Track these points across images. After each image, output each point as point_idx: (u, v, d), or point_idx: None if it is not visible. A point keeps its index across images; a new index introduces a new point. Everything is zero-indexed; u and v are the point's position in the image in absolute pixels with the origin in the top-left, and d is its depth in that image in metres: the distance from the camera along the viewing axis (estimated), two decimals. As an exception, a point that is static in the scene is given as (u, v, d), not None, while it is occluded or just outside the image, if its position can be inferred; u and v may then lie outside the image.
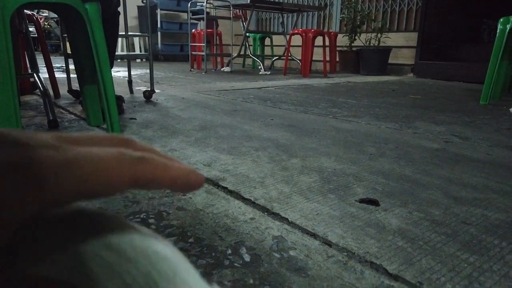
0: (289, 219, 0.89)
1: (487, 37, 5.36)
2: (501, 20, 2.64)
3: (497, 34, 2.64)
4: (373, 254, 0.75)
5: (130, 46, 6.72)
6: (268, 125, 1.86)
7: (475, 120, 2.08)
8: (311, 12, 7.01)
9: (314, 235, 0.82)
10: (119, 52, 5.96)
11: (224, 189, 1.08)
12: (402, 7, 5.80)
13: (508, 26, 2.58)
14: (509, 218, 0.89)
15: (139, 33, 2.92)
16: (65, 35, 2.15)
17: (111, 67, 2.02)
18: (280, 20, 6.50)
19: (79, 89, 1.84)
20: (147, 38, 7.20)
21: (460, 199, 1.00)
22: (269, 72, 5.17)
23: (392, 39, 5.47)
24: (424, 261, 0.72)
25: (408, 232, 0.83)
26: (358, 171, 1.22)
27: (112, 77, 1.58)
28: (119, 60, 6.19)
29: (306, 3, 7.05)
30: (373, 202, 0.99)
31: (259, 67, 5.40)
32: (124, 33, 2.34)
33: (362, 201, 0.99)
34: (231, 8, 5.08)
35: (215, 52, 5.83)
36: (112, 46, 1.92)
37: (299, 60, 5.15)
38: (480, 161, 1.33)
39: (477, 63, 4.48)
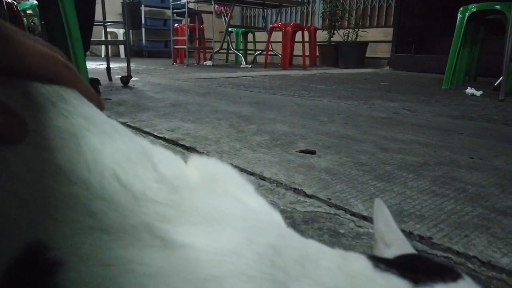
0: (234, 164, 1.02)
1: (460, 31, 5.56)
2: (461, 9, 2.81)
3: (457, 22, 2.80)
4: (297, 183, 0.88)
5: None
6: (236, 103, 1.99)
7: (430, 99, 2.23)
8: (294, 8, 7.16)
9: (252, 174, 0.95)
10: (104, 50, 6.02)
11: (182, 146, 1.20)
12: (382, 4, 5.97)
13: (467, 14, 2.74)
14: (423, 160, 1.03)
15: (117, 21, 3.01)
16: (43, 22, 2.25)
17: (87, 49, 2.13)
18: (263, 16, 6.64)
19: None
20: (131, 34, 7.27)
21: (387, 149, 1.14)
22: (250, 66, 5.29)
23: (370, 34, 5.65)
24: (339, 187, 0.85)
25: (333, 170, 0.96)
26: (306, 132, 1.35)
27: (83, 55, 1.69)
28: (103, 55, 6.25)
29: None
30: (311, 152, 1.12)
31: (241, 61, 5.53)
32: (102, 19, 2.44)
33: (301, 151, 1.13)
34: (213, 2, 5.20)
35: (197, 46, 5.94)
36: (87, 29, 2.02)
37: (279, 54, 5.29)
38: (418, 125, 1.47)
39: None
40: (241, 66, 5.23)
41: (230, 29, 5.59)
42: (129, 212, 0.26)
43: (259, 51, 6.05)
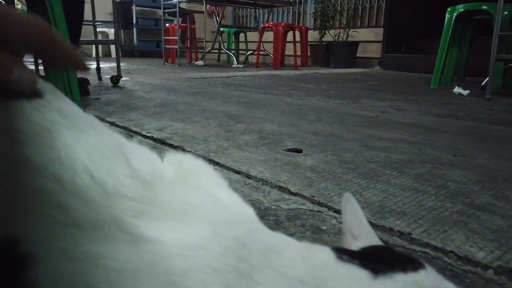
0: (221, 163, 1.02)
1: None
2: (449, 9, 2.84)
3: (445, 22, 2.84)
4: (283, 181, 0.89)
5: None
6: (226, 102, 2.00)
7: (418, 98, 2.26)
8: (285, 8, 7.18)
9: (238, 172, 0.96)
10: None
11: (170, 145, 1.20)
12: (372, 4, 6.01)
13: (454, 14, 2.78)
14: (407, 158, 1.05)
15: (106, 20, 3.00)
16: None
17: (77, 48, 2.11)
18: (255, 16, 6.65)
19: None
20: (122, 33, 7.24)
21: (373, 147, 1.16)
22: (242, 66, 5.30)
23: (361, 34, 5.68)
24: (323, 184, 0.87)
25: (318, 168, 0.97)
26: (294, 131, 1.36)
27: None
28: (93, 55, 6.21)
29: None
30: (298, 151, 1.13)
31: (233, 61, 5.53)
32: (91, 19, 2.43)
33: (288, 150, 1.14)
34: (204, 2, 5.20)
35: (189, 46, 5.93)
36: (76, 29, 2.01)
37: (271, 54, 5.30)
38: (404, 124, 1.49)
39: (438, 55, 4.72)
40: (233, 66, 5.23)
41: (221, 29, 5.59)
42: (100, 207, 0.26)
43: (251, 51, 6.06)
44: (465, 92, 2.41)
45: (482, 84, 2.77)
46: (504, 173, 0.93)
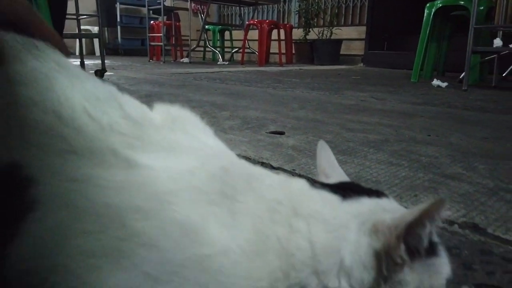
0: (205, 144, 1.05)
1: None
2: (428, 5, 2.92)
3: (424, 18, 2.92)
4: (265, 158, 0.92)
5: (89, 42, 6.68)
6: (211, 93, 2.02)
7: (398, 90, 2.33)
8: (270, 7, 7.22)
9: (222, 151, 0.99)
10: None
11: (156, 130, 1.22)
12: (356, 3, 6.10)
13: (433, 10, 2.86)
14: (384, 138, 1.10)
15: (90, 13, 2.98)
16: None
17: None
18: (240, 14, 6.68)
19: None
20: (106, 31, 7.17)
21: (352, 129, 1.20)
22: (227, 63, 5.32)
23: (345, 32, 5.76)
24: (303, 160, 0.90)
25: (299, 147, 1.01)
26: (277, 117, 1.40)
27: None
28: (77, 53, 6.14)
29: (264, -2, 7.25)
30: (280, 133, 1.16)
31: (218, 59, 5.55)
32: (75, 13, 2.42)
33: (271, 132, 1.17)
34: (189, 0, 5.20)
35: (173, 43, 5.92)
36: (59, 23, 2.00)
37: (256, 51, 5.34)
38: (383, 110, 1.55)
39: (419, 52, 4.83)
40: (218, 63, 5.25)
41: (207, 26, 5.60)
42: (97, 138, 0.30)
43: (236, 49, 6.08)
44: (444, 84, 2.49)
45: (460, 77, 2.85)
46: (474, 149, 0.99)
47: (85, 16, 2.60)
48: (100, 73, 2.62)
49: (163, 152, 0.31)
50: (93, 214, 0.27)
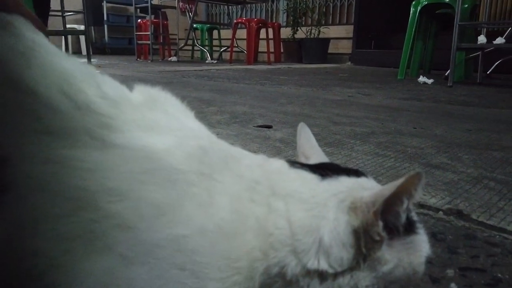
0: (193, 138, 1.05)
1: (416, 28, 5.82)
2: (413, 3, 2.95)
3: (410, 16, 2.95)
4: (252, 150, 0.92)
5: (75, 40, 6.60)
6: (198, 90, 2.01)
7: (385, 86, 2.35)
8: (258, 6, 7.23)
9: (210, 145, 0.98)
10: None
11: (142, 125, 1.21)
12: (343, 2, 6.14)
13: (418, 8, 2.89)
14: (371, 130, 1.10)
15: (75, 10, 2.94)
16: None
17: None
18: (228, 13, 6.67)
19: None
20: (93, 30, 7.09)
21: (339, 123, 1.21)
22: (215, 61, 5.31)
23: (333, 31, 5.79)
24: (290, 152, 0.91)
25: (287, 140, 1.01)
26: (265, 112, 1.40)
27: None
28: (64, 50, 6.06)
29: (252, -3, 7.25)
30: (268, 127, 1.16)
31: (207, 57, 5.53)
32: (60, 9, 2.39)
33: (259, 126, 1.17)
34: (176, -1, 5.17)
35: (161, 42, 5.88)
36: (42, 17, 1.97)
37: (245, 50, 5.33)
38: (370, 105, 1.56)
39: (405, 50, 4.88)
40: (207, 61, 5.23)
41: (195, 25, 5.58)
42: (72, 118, 0.29)
43: (225, 47, 6.07)
44: (429, 81, 2.52)
45: (446, 74, 2.89)
46: (458, 140, 1.00)
47: (71, 13, 2.56)
48: (86, 70, 2.59)
49: (140, 132, 0.30)
50: (67, 197, 0.26)
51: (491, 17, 3.17)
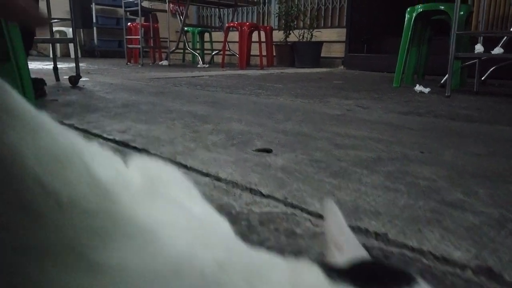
0: (188, 165, 0.98)
1: (408, 32, 5.81)
2: (408, 9, 2.92)
3: (405, 22, 2.91)
4: (253, 183, 0.86)
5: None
6: (191, 102, 1.94)
7: (382, 96, 2.30)
8: (249, 9, 7.16)
9: (207, 174, 0.92)
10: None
11: (134, 148, 1.14)
12: (335, 4, 6.11)
13: (414, 15, 2.85)
14: (376, 156, 1.05)
15: (63, 17, 2.84)
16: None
17: (30, 48, 1.99)
18: (219, 15, 6.59)
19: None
20: (82, 33, 6.95)
21: (342, 145, 1.15)
22: (207, 66, 5.23)
23: (325, 34, 5.76)
24: (295, 185, 0.84)
25: (289, 168, 0.95)
26: (262, 131, 1.33)
27: (24, 54, 1.57)
28: (51, 55, 5.92)
29: (243, -1, 7.19)
30: (267, 151, 1.10)
31: (198, 61, 5.45)
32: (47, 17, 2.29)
33: (258, 150, 1.11)
34: (167, 2, 5.08)
35: (152, 45, 5.79)
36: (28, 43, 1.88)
37: (237, 54, 5.27)
38: (370, 122, 1.50)
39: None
40: (198, 66, 5.15)
41: (186, 28, 5.49)
42: (52, 225, 0.22)
43: (216, 51, 5.99)
44: (426, 90, 2.48)
45: (442, 82, 2.87)
46: (470, 168, 0.95)
47: (57, 20, 2.47)
48: (74, 79, 2.50)
49: (140, 240, 0.24)
50: None
51: (488, 23, 3.15)
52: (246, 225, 0.67)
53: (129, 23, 5.55)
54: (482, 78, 2.98)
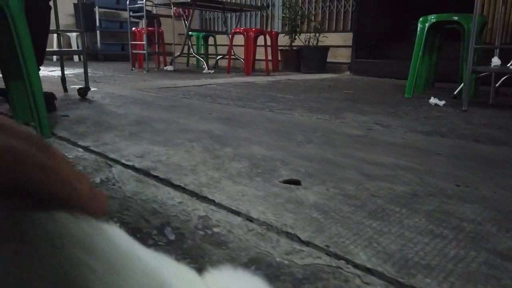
0: (216, 201, 0.94)
1: (414, 36, 5.77)
2: (421, 19, 2.88)
3: (418, 32, 2.87)
4: (289, 225, 0.81)
5: (66, 46, 6.41)
6: (205, 119, 1.90)
7: (398, 111, 2.26)
8: (253, 12, 7.12)
9: (238, 213, 0.87)
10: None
11: (155, 177, 1.10)
12: (339, 9, 6.07)
13: (427, 25, 2.81)
14: (412, 190, 1.01)
15: (72, 29, 2.80)
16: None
17: (41, 63, 1.95)
18: (223, 20, 6.55)
19: (4, 86, 1.76)
20: (82, 39, 6.92)
21: (372, 176, 1.11)
22: (213, 71, 5.19)
23: (330, 39, 5.71)
24: (334, 229, 0.80)
25: (323, 206, 0.91)
26: (285, 156, 1.29)
27: (37, 70, 1.53)
28: (54, 59, 5.88)
29: (248, 3, 7.15)
30: (295, 182, 1.06)
31: (203, 66, 5.41)
32: (55, 28, 2.25)
33: (285, 182, 1.06)
34: (172, 6, 5.04)
35: (157, 51, 5.75)
36: (41, 41, 1.85)
37: (242, 59, 5.23)
38: (394, 144, 1.46)
39: (405, 60, 4.81)
40: (204, 71, 5.11)
41: (190, 32, 5.45)
42: None
43: (221, 56, 5.95)
44: (441, 103, 2.44)
45: (455, 93, 2.82)
46: (513, 207, 0.91)
47: (65, 31, 2.42)
48: (83, 91, 2.46)
49: None
50: None
51: (502, 33, 3.10)
52: (291, 282, 0.63)
53: (133, 28, 5.51)
54: (496, 85, 2.94)
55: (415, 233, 0.78)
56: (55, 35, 4.94)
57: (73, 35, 6.33)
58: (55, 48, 5.24)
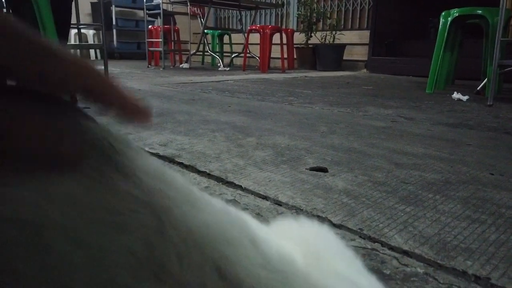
0: (243, 186, 0.93)
1: (432, 34, 5.68)
2: (443, 13, 2.82)
3: (440, 27, 2.82)
4: (319, 209, 0.80)
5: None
6: (226, 111, 1.89)
7: (420, 105, 2.22)
8: (268, 10, 7.11)
9: (266, 197, 0.86)
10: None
11: (180, 164, 1.09)
12: (355, 7, 6.01)
13: (449, 19, 2.76)
14: (443, 178, 0.98)
15: (93, 23, 2.83)
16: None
17: (66, 39, 1.97)
18: (238, 17, 6.55)
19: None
20: (101, 35, 7.00)
21: (401, 164, 1.08)
22: (228, 69, 5.19)
23: (346, 36, 5.66)
24: (365, 213, 0.78)
25: (352, 191, 0.89)
26: (310, 145, 1.27)
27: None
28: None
29: (263, 0, 7.15)
30: (322, 170, 1.04)
31: (218, 64, 5.42)
32: (75, 23, 2.28)
33: (312, 169, 1.05)
34: (188, 4, 5.06)
35: (173, 48, 5.78)
36: (63, 31, 1.87)
37: (257, 57, 5.21)
38: (421, 135, 1.43)
39: (423, 58, 4.73)
40: (219, 69, 5.12)
41: (206, 31, 5.46)
42: None
43: (236, 53, 5.95)
44: (464, 98, 2.39)
45: (478, 89, 2.76)
46: (552, 195, 0.87)
47: (86, 25, 2.45)
48: (103, 85, 2.48)
49: None
50: None
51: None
52: (327, 263, 0.61)
53: (150, 26, 5.55)
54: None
55: (452, 218, 0.75)
56: (73, 32, 5.01)
57: (90, 33, 6.41)
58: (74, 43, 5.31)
